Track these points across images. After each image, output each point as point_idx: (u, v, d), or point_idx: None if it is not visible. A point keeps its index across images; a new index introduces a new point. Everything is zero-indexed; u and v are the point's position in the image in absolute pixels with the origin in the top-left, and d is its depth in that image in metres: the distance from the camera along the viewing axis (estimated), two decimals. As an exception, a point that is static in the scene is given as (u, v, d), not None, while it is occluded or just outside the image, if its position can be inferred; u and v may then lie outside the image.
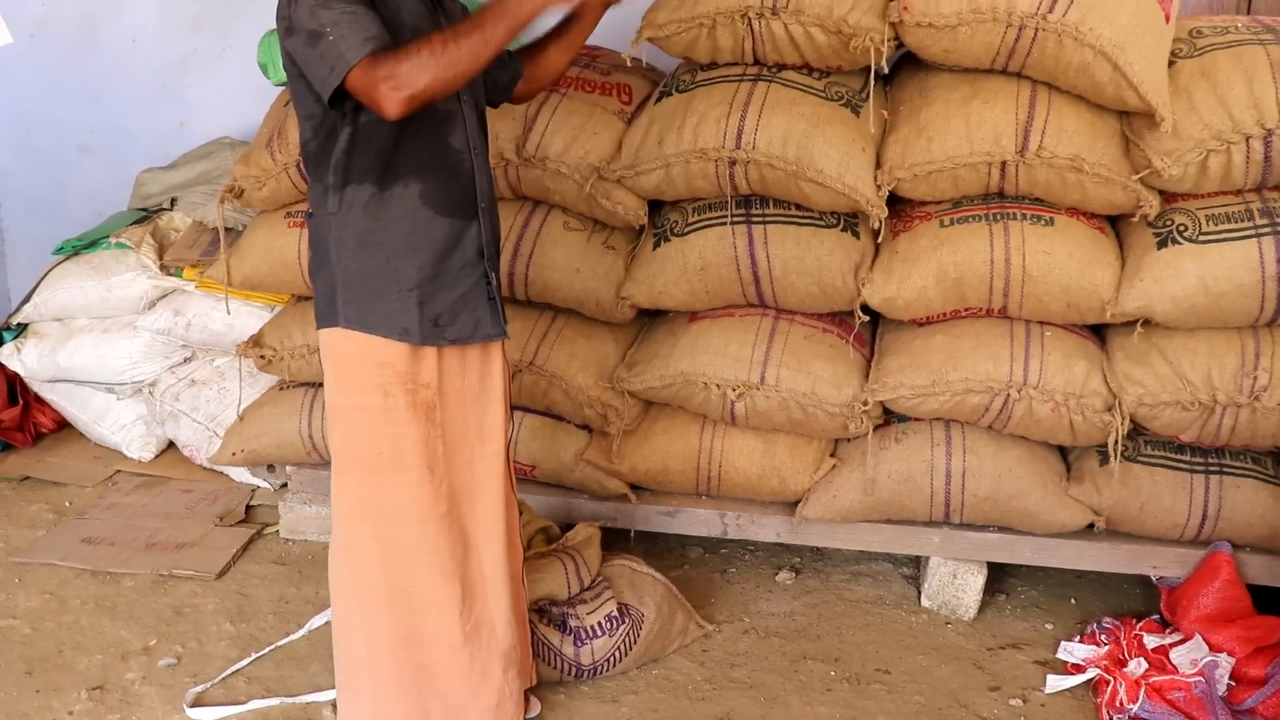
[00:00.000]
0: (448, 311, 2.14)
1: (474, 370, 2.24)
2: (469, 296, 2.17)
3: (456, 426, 2.22)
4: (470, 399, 2.25)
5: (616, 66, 3.15)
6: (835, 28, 2.69)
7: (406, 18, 2.06)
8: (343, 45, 1.90)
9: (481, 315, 2.19)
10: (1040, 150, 2.64)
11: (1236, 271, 2.60)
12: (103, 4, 4.36)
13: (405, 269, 2.10)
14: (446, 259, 2.13)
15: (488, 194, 2.21)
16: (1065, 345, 2.78)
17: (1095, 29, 2.51)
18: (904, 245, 2.78)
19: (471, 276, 2.17)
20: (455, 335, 2.16)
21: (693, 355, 2.87)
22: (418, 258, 2.10)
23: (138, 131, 4.40)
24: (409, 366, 2.12)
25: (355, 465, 2.20)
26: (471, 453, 2.26)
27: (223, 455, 3.41)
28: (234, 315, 3.53)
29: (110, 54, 4.39)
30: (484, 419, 2.28)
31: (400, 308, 2.10)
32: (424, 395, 2.15)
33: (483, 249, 2.18)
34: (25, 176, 4.60)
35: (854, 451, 2.94)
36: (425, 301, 2.11)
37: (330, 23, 1.91)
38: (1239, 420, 2.68)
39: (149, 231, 3.89)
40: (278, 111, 3.27)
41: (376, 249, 2.10)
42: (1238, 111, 2.55)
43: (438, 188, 2.09)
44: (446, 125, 2.12)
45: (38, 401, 4.04)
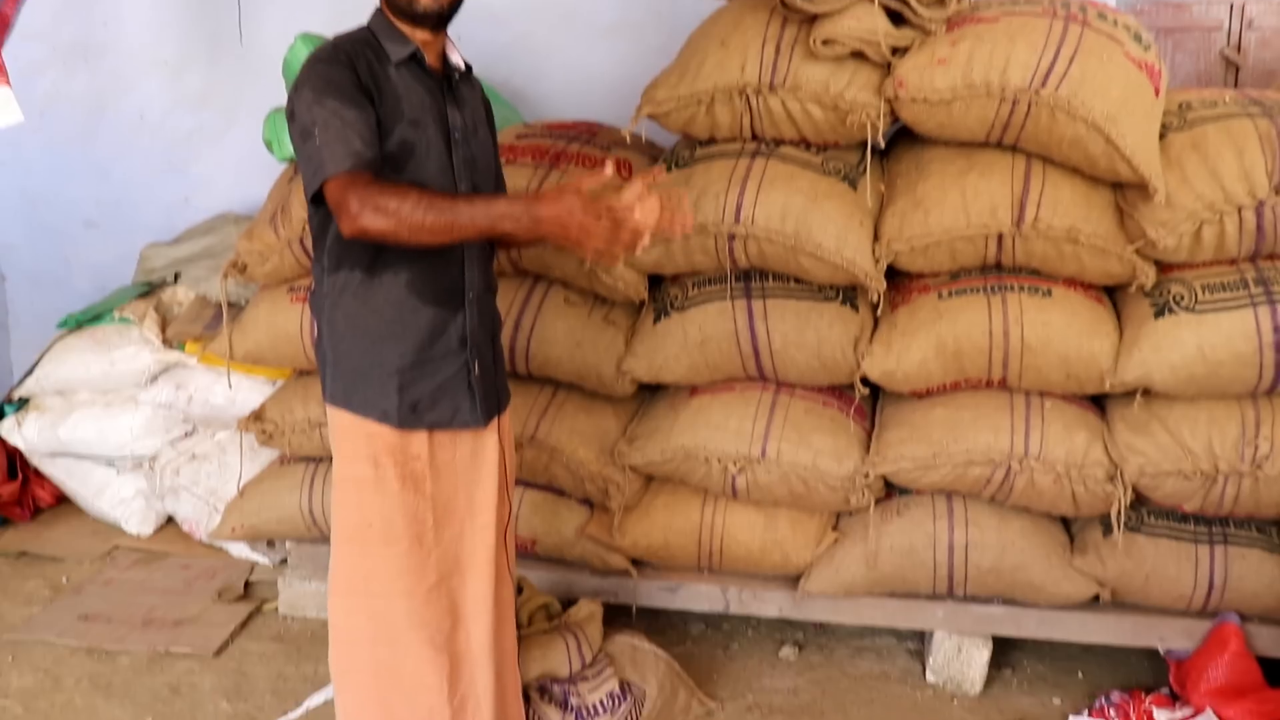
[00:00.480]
0: (427, 398, 2.15)
1: (465, 445, 2.24)
2: (449, 384, 2.17)
3: (447, 499, 2.21)
4: (461, 472, 2.24)
5: (616, 142, 3.20)
6: (832, 104, 2.73)
7: (407, 109, 2.09)
8: (325, 153, 1.94)
9: (461, 402, 2.19)
10: (1036, 222, 2.66)
11: (1234, 340, 2.61)
12: (112, 82, 4.44)
13: (388, 354, 2.12)
14: (429, 347, 2.14)
15: (479, 283, 2.22)
16: (1065, 416, 2.78)
17: (1087, 103, 2.55)
18: (903, 318, 2.80)
19: (453, 365, 2.17)
20: (433, 421, 2.16)
21: (693, 429, 2.87)
22: (401, 344, 2.12)
23: (143, 206, 4.45)
24: (399, 439, 2.14)
25: (348, 539, 2.20)
26: (461, 525, 2.25)
27: (222, 530, 3.39)
28: (236, 389, 3.54)
29: (118, 130, 4.46)
30: (475, 492, 2.27)
31: (381, 391, 2.12)
32: (414, 467, 2.15)
33: (466, 338, 2.18)
34: (31, 251, 4.65)
35: (856, 525, 2.92)
36: (405, 387, 2.12)
37: (321, 124, 1.95)
38: (1242, 489, 2.67)
39: (152, 306, 3.91)
40: (282, 187, 3.31)
41: (363, 333, 2.12)
42: (1229, 183, 2.58)
43: (425, 277, 2.11)
44: None
45: (37, 476, 4.03)
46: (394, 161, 2.06)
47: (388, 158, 2.05)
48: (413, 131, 2.08)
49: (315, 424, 3.15)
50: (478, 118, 2.28)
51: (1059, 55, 2.60)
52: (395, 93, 2.08)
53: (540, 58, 4.10)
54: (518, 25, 4.03)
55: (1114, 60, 2.63)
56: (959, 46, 2.65)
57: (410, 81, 2.11)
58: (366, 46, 2.11)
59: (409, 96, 2.10)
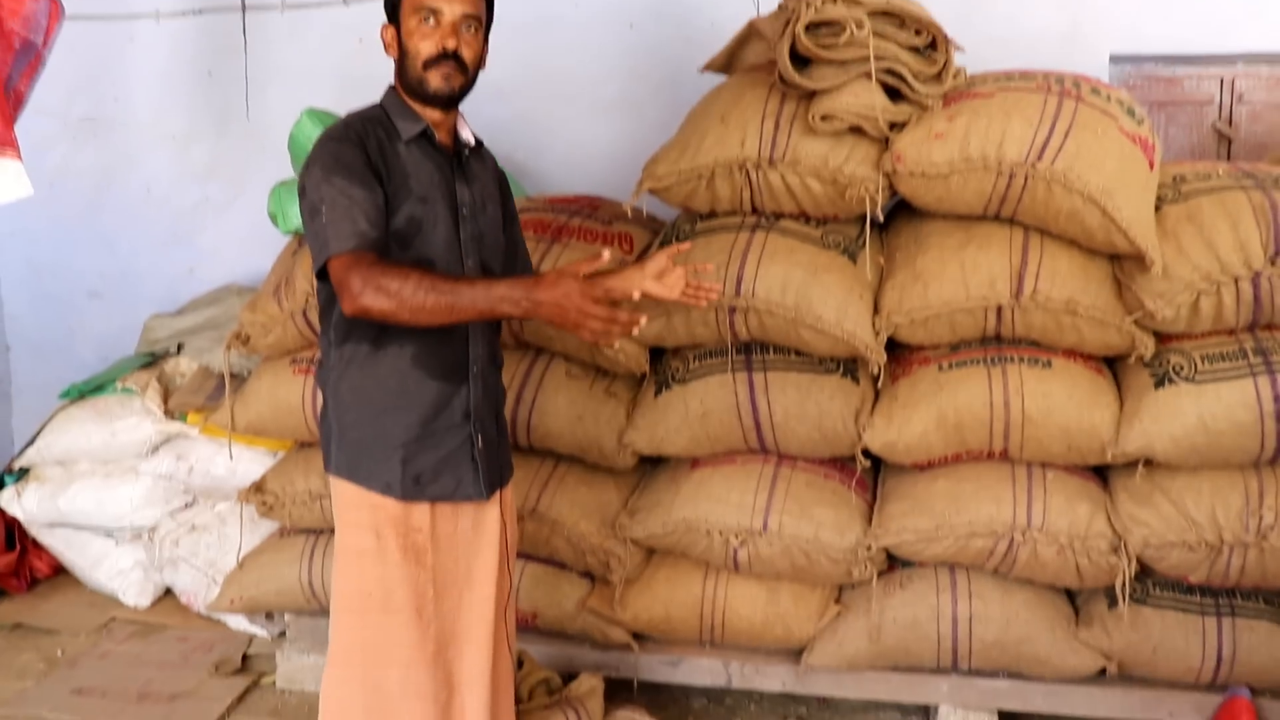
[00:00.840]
0: (430, 470, 2.17)
1: (467, 517, 2.25)
2: (452, 457, 2.19)
3: (447, 570, 2.21)
4: (462, 544, 2.24)
5: (618, 216, 3.23)
6: (831, 178, 2.77)
7: (415, 186, 2.13)
8: (330, 232, 1.99)
9: (464, 475, 2.21)
10: (1035, 294, 2.68)
11: (1235, 410, 2.61)
12: (120, 155, 4.50)
13: (392, 427, 2.14)
14: (434, 420, 2.16)
15: (483, 358, 2.24)
16: (1068, 487, 2.77)
17: (1083, 176, 2.58)
18: (903, 390, 2.80)
19: (457, 438, 2.19)
20: (436, 493, 2.18)
21: (695, 502, 2.87)
22: (405, 417, 2.14)
23: (148, 277, 4.49)
24: (401, 511, 2.15)
25: (347, 608, 2.20)
26: (460, 597, 2.25)
27: (221, 602, 3.37)
28: (237, 461, 3.53)
29: (125, 202, 4.52)
30: (475, 564, 2.27)
31: (384, 463, 2.14)
32: (415, 539, 2.16)
33: (470, 412, 2.21)
34: (36, 321, 4.68)
35: (859, 598, 2.90)
36: (409, 459, 2.14)
37: (329, 202, 2.01)
38: (1248, 560, 2.66)
39: (155, 376, 3.92)
40: (286, 260, 3.34)
41: (367, 405, 2.15)
42: (1225, 254, 2.60)
43: (430, 351, 2.13)
44: None
45: (35, 546, 4.01)
46: (401, 238, 2.10)
47: (395, 234, 2.09)
48: (420, 208, 2.12)
49: (316, 496, 3.15)
50: (487, 193, 2.31)
51: (1054, 129, 2.64)
52: (404, 170, 2.12)
53: (543, 133, 4.16)
54: (521, 101, 4.09)
55: (1108, 134, 2.67)
56: (956, 121, 2.69)
57: (420, 158, 2.16)
58: (378, 124, 2.16)
59: (418, 173, 2.14)
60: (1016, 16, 3.76)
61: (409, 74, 2.15)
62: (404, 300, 1.94)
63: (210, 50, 4.41)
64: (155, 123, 4.49)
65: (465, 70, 2.16)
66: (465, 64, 2.15)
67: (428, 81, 2.13)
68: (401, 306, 1.95)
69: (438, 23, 2.11)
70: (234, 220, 4.40)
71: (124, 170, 4.52)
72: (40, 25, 2.74)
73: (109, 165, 4.52)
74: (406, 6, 2.13)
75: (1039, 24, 3.76)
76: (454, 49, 2.12)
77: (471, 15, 2.14)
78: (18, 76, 2.75)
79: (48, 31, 2.75)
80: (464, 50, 2.14)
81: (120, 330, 4.37)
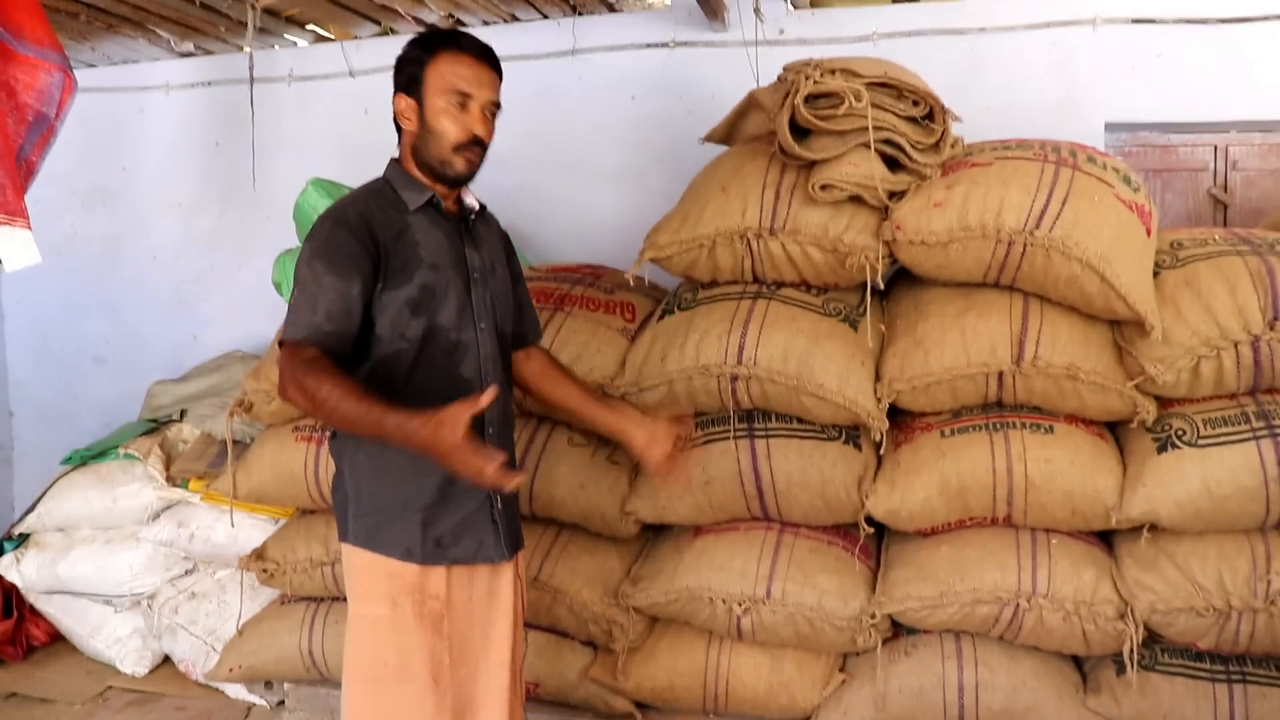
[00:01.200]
0: (450, 533, 2.17)
1: (482, 583, 2.25)
2: (472, 519, 2.20)
3: (463, 638, 2.20)
4: (478, 611, 2.24)
5: (620, 285, 3.26)
6: (831, 246, 2.79)
7: (425, 254, 2.15)
8: (292, 316, 2.06)
9: (484, 537, 2.21)
10: (1036, 360, 2.69)
11: (1238, 475, 2.61)
12: (128, 223, 4.56)
13: (411, 492, 2.14)
14: (452, 484, 2.15)
15: (498, 419, 2.25)
16: (1073, 553, 2.75)
17: (1081, 243, 2.60)
18: (906, 457, 2.80)
19: (476, 500, 2.20)
20: (457, 556, 2.18)
21: (698, 570, 2.85)
22: (424, 481, 2.14)
23: (152, 343, 4.53)
24: (418, 578, 2.14)
25: (362, 677, 2.18)
26: (476, 664, 2.24)
27: (220, 671, 3.34)
28: (238, 528, 3.52)
29: (131, 270, 4.57)
30: (490, 630, 2.26)
31: (405, 528, 2.14)
32: (432, 606, 2.15)
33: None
34: (40, 386, 4.70)
35: (864, 666, 2.87)
36: (429, 523, 2.15)
37: (301, 284, 2.08)
38: (1257, 626, 2.63)
39: (158, 442, 3.93)
40: (290, 327, 3.36)
41: (385, 471, 2.15)
42: (1224, 318, 2.62)
43: None
44: (458, 355, 2.19)
45: (32, 613, 3.99)
46: (415, 305, 2.12)
47: (410, 302, 2.11)
48: (433, 275, 2.15)
49: (317, 563, 3.13)
50: (495, 256, 2.34)
51: (1051, 197, 2.67)
52: (414, 239, 2.15)
53: (546, 202, 4.21)
54: (525, 170, 4.15)
55: (1105, 202, 2.69)
56: (954, 190, 2.73)
57: (428, 226, 2.18)
58: (382, 197, 2.19)
59: (428, 241, 2.17)
60: (1012, 86, 3.83)
61: (430, 152, 2.18)
62: (317, 404, 1.99)
63: (218, 121, 4.48)
64: (163, 192, 4.56)
65: (484, 153, 2.21)
66: (485, 147, 2.21)
67: (453, 164, 2.17)
68: (316, 409, 2.02)
69: (466, 107, 2.16)
70: (238, 288, 4.44)
71: (131, 238, 4.58)
72: (54, 98, 2.80)
73: (116, 233, 4.58)
74: (435, 85, 2.16)
75: (1034, 93, 3.82)
76: (483, 136, 2.18)
77: (495, 101, 2.20)
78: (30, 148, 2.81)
79: (60, 104, 2.81)
80: (486, 135, 2.20)
81: (124, 396, 4.39)
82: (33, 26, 2.70)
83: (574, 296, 3.16)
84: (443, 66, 2.15)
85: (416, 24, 4.15)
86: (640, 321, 3.17)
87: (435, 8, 4.05)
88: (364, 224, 2.11)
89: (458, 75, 2.15)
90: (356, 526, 2.17)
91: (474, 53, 2.18)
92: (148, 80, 4.56)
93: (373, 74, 4.25)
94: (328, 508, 3.23)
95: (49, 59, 2.75)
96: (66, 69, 2.78)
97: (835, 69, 2.71)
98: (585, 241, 4.09)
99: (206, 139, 4.52)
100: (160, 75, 4.56)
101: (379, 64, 3.99)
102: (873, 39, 3.90)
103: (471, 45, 2.19)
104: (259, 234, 4.35)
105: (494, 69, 2.21)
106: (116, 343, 4.61)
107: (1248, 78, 3.70)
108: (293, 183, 3.61)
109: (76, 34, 4.22)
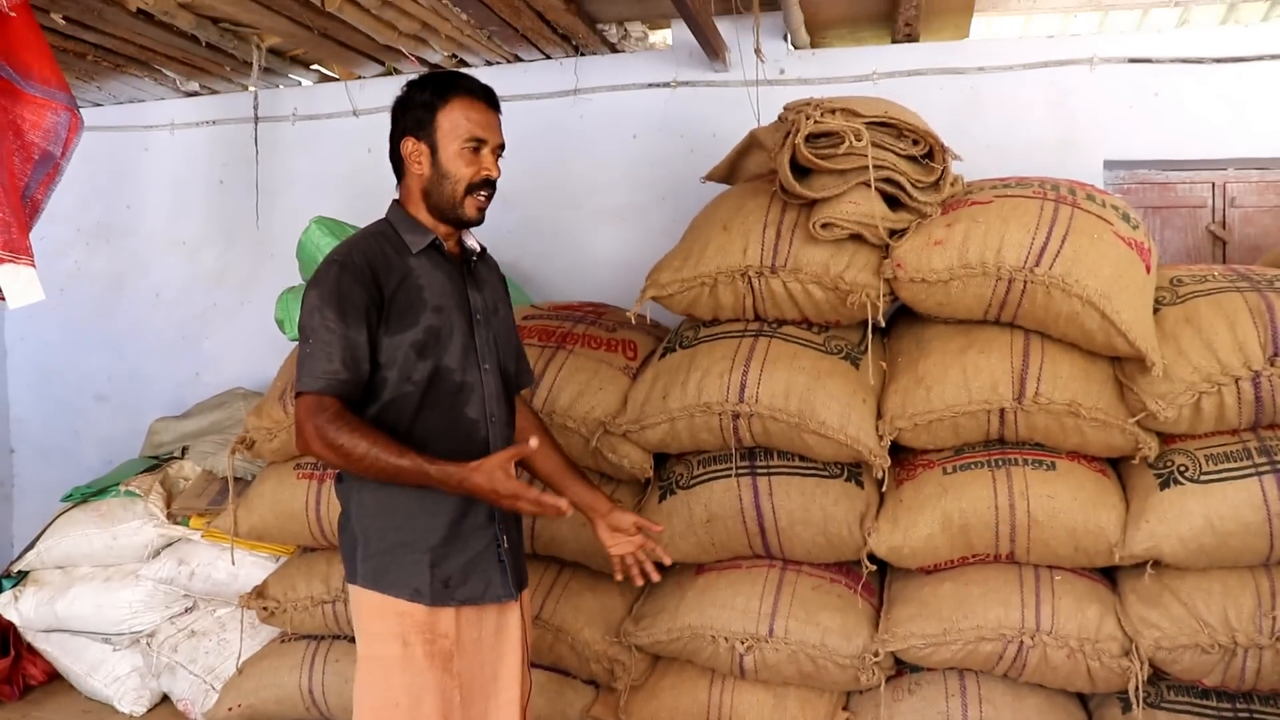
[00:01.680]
0: (458, 573, 2.17)
1: (490, 622, 2.25)
2: (480, 559, 2.20)
3: (473, 677, 2.20)
4: (487, 649, 2.24)
5: (621, 323, 3.27)
6: (833, 285, 2.80)
7: (429, 296, 2.17)
8: (306, 367, 2.08)
9: (492, 577, 2.22)
10: (1037, 397, 2.69)
11: (1241, 510, 2.60)
12: (132, 262, 4.58)
13: (419, 533, 2.15)
14: (459, 524, 2.17)
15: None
16: (1076, 589, 2.74)
17: (1081, 280, 2.61)
18: (908, 494, 2.80)
19: (483, 539, 2.20)
20: (465, 596, 2.18)
21: (700, 608, 2.84)
22: (431, 521, 2.15)
23: (154, 381, 4.53)
24: (427, 618, 2.14)
25: (374, 718, 2.17)
26: (487, 703, 2.24)
27: (219, 710, 3.32)
28: (239, 565, 3.52)
29: (134, 307, 4.58)
30: (499, 669, 2.26)
31: (413, 569, 2.14)
32: (442, 645, 2.15)
33: (494, 513, 2.21)
34: (42, 423, 4.70)
35: (867, 704, 2.85)
36: (437, 564, 2.15)
37: (311, 334, 2.09)
38: (1263, 663, 2.61)
39: (159, 480, 3.93)
40: (291, 365, 3.37)
41: (393, 512, 2.15)
42: (1224, 355, 2.62)
43: (451, 455, 2.13)
44: (463, 396, 2.20)
45: (30, 652, 3.96)
46: (420, 347, 2.14)
47: (415, 345, 2.13)
48: (437, 318, 2.16)
49: (318, 601, 3.12)
50: (497, 296, 2.37)
51: (1051, 235, 2.68)
52: (417, 282, 2.17)
53: (548, 240, 4.23)
54: (526, 209, 4.17)
55: (1104, 239, 2.70)
56: (954, 228, 2.74)
57: (430, 269, 2.20)
58: (385, 240, 2.21)
59: (431, 284, 2.18)
60: (1012, 125, 3.86)
61: (444, 194, 2.20)
62: (352, 462, 2.05)
63: (222, 160, 4.52)
64: (166, 230, 4.58)
65: (493, 194, 2.25)
66: (494, 188, 2.25)
67: (465, 207, 2.20)
68: (347, 465, 2.06)
69: (479, 151, 2.20)
70: (241, 325, 4.46)
71: (134, 276, 4.60)
72: (60, 137, 2.82)
73: (120, 271, 4.60)
74: (448, 131, 2.19)
75: (1034, 132, 3.86)
76: (495, 178, 2.22)
77: (502, 145, 2.25)
78: (36, 185, 2.82)
79: (67, 143, 2.83)
80: (496, 177, 2.24)
81: (125, 433, 4.39)
82: (40, 67, 2.73)
83: (576, 335, 3.17)
84: (455, 112, 2.18)
85: (420, 64, 4.19)
86: (642, 360, 3.17)
87: (439, 48, 4.10)
88: (368, 268, 2.13)
89: (472, 121, 2.19)
90: (364, 568, 2.17)
91: (485, 99, 2.22)
92: (153, 119, 4.60)
93: (376, 113, 4.29)
94: (329, 545, 3.23)
95: (56, 99, 2.77)
96: (73, 108, 2.80)
97: (836, 108, 2.74)
98: (587, 279, 4.11)
99: (211, 177, 4.55)
100: (165, 114, 4.60)
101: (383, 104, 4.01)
102: (873, 78, 3.94)
103: (481, 91, 2.23)
104: (262, 272, 4.37)
105: (498, 111, 2.26)
106: (119, 379, 4.62)
107: (1244, 116, 3.74)
108: (296, 221, 3.63)
109: (84, 74, 4.26)
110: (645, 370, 3.07)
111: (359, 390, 2.11)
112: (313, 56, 4.34)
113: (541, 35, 3.97)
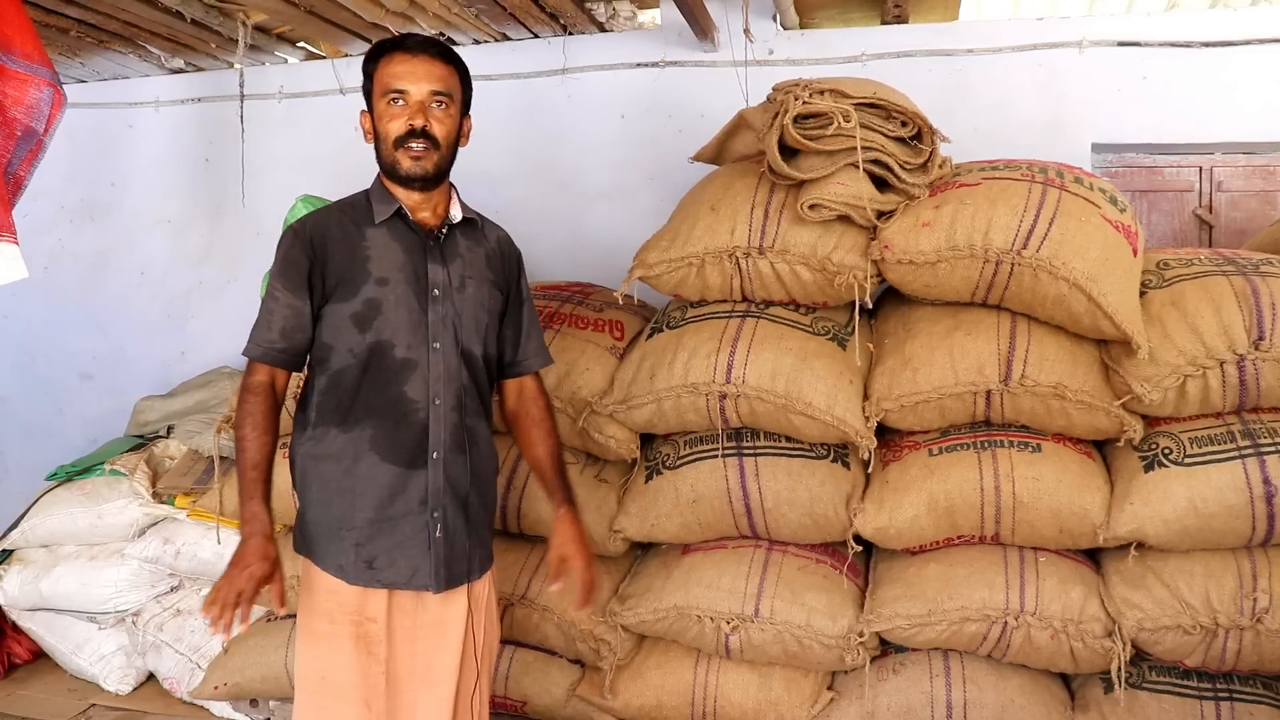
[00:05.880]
0: (384, 555, 2.15)
1: (430, 611, 2.21)
2: (408, 544, 2.16)
3: (402, 664, 2.18)
4: (421, 639, 2.20)
5: (609, 303, 3.27)
6: (820, 266, 2.80)
7: (375, 269, 2.15)
8: (252, 331, 2.15)
9: (420, 564, 2.17)
10: (1023, 379, 2.70)
11: (1224, 493, 2.61)
12: (117, 240, 4.55)
13: (348, 509, 2.14)
14: (389, 505, 2.15)
15: (447, 443, 2.19)
16: (1060, 571, 2.76)
17: (1068, 263, 2.61)
18: (894, 475, 2.81)
19: (413, 525, 2.16)
20: (389, 580, 2.15)
21: (686, 588, 2.85)
22: (361, 500, 2.14)
23: (139, 360, 4.51)
24: (356, 599, 2.13)
25: (304, 689, 2.18)
26: (416, 693, 2.20)
27: (205, 688, 3.31)
28: (224, 544, 3.51)
29: (119, 286, 4.55)
30: (434, 661, 2.21)
31: (339, 546, 2.14)
32: (369, 628, 2.14)
33: (427, 498, 2.17)
34: (26, 402, 4.68)
35: (852, 684, 2.87)
36: (362, 543, 2.13)
37: (264, 302, 2.15)
38: (1244, 643, 2.63)
39: (144, 459, 3.91)
40: (278, 344, 3.35)
41: (325, 487, 2.16)
42: (1209, 338, 2.63)
43: (386, 435, 2.14)
44: (404, 374, 2.16)
45: (14, 631, 3.96)
46: (360, 319, 2.13)
47: (354, 316, 2.13)
48: (379, 290, 2.14)
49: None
50: (474, 272, 2.28)
51: (1039, 217, 2.68)
52: (364, 253, 2.15)
53: (535, 220, 4.22)
54: (514, 189, 4.16)
55: (1092, 222, 2.71)
56: (942, 210, 2.74)
57: (388, 240, 2.17)
58: (351, 210, 2.21)
59: (381, 256, 2.15)
60: (1000, 107, 3.86)
61: (382, 156, 2.19)
62: (235, 439, 2.15)
63: (208, 137, 4.49)
64: (151, 208, 4.55)
65: (438, 147, 2.17)
66: (438, 141, 2.17)
67: (399, 163, 2.16)
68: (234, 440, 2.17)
69: (406, 102, 2.14)
70: (226, 304, 4.44)
71: (119, 254, 4.57)
72: (43, 113, 2.79)
73: (104, 249, 4.57)
74: (376, 92, 2.18)
75: (1022, 115, 3.85)
76: (422, 126, 2.14)
77: (441, 92, 2.17)
78: (18, 163, 2.79)
79: (49, 119, 2.80)
80: (435, 127, 2.16)
81: (110, 412, 4.38)
82: (23, 42, 2.70)
83: (563, 314, 3.17)
84: (380, 72, 2.17)
85: (407, 42, 4.16)
86: (629, 340, 3.17)
87: (426, 26, 4.07)
88: (311, 237, 2.14)
89: (391, 75, 2.15)
90: (301, 536, 2.21)
91: (406, 49, 2.16)
92: (137, 96, 4.56)
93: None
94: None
95: (39, 74, 2.74)
96: (56, 84, 2.77)
97: (824, 89, 2.73)
98: (575, 259, 4.10)
99: (196, 155, 4.52)
100: (150, 91, 4.56)
101: (369, 81, 4.01)
102: (861, 60, 3.93)
103: (405, 43, 2.17)
104: (247, 250, 4.35)
105: (436, 59, 2.17)
106: (103, 358, 4.59)
107: (1232, 100, 3.74)
108: (282, 199, 3.61)
109: (67, 49, 4.22)
110: (632, 350, 3.07)
111: (295, 360, 2.16)
112: (299, 34, 4.31)
113: (530, 14, 3.95)
